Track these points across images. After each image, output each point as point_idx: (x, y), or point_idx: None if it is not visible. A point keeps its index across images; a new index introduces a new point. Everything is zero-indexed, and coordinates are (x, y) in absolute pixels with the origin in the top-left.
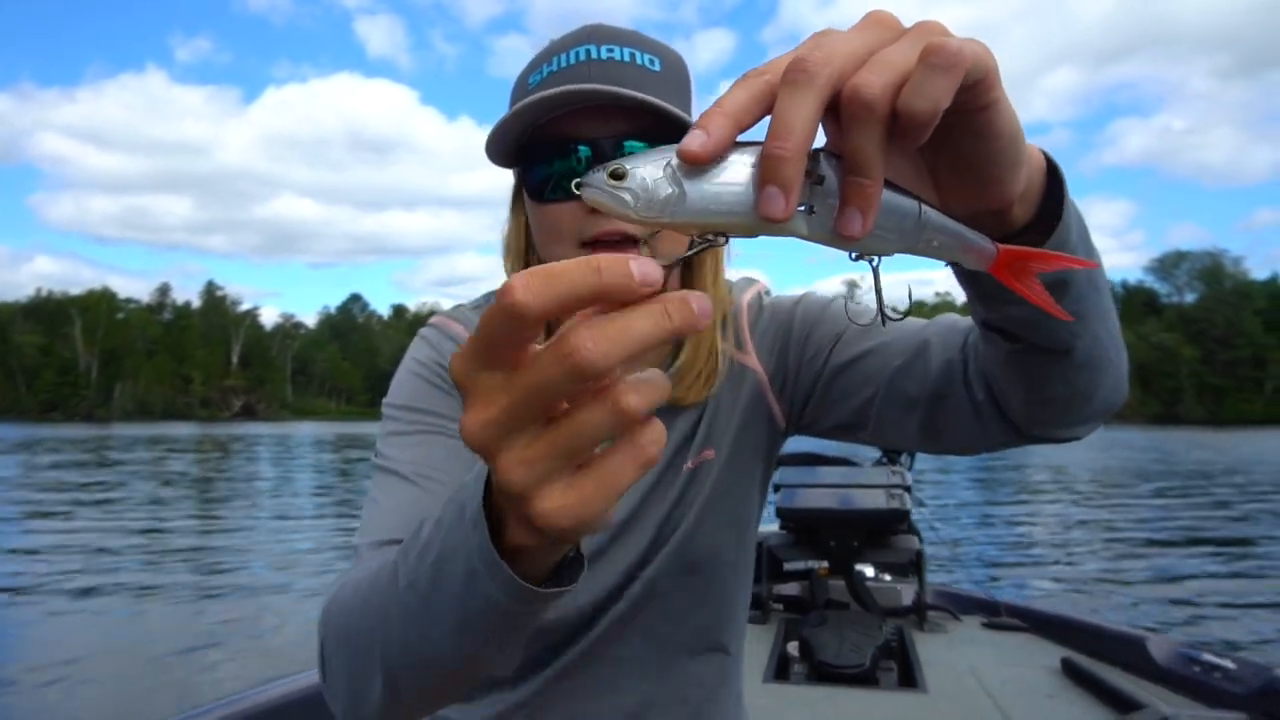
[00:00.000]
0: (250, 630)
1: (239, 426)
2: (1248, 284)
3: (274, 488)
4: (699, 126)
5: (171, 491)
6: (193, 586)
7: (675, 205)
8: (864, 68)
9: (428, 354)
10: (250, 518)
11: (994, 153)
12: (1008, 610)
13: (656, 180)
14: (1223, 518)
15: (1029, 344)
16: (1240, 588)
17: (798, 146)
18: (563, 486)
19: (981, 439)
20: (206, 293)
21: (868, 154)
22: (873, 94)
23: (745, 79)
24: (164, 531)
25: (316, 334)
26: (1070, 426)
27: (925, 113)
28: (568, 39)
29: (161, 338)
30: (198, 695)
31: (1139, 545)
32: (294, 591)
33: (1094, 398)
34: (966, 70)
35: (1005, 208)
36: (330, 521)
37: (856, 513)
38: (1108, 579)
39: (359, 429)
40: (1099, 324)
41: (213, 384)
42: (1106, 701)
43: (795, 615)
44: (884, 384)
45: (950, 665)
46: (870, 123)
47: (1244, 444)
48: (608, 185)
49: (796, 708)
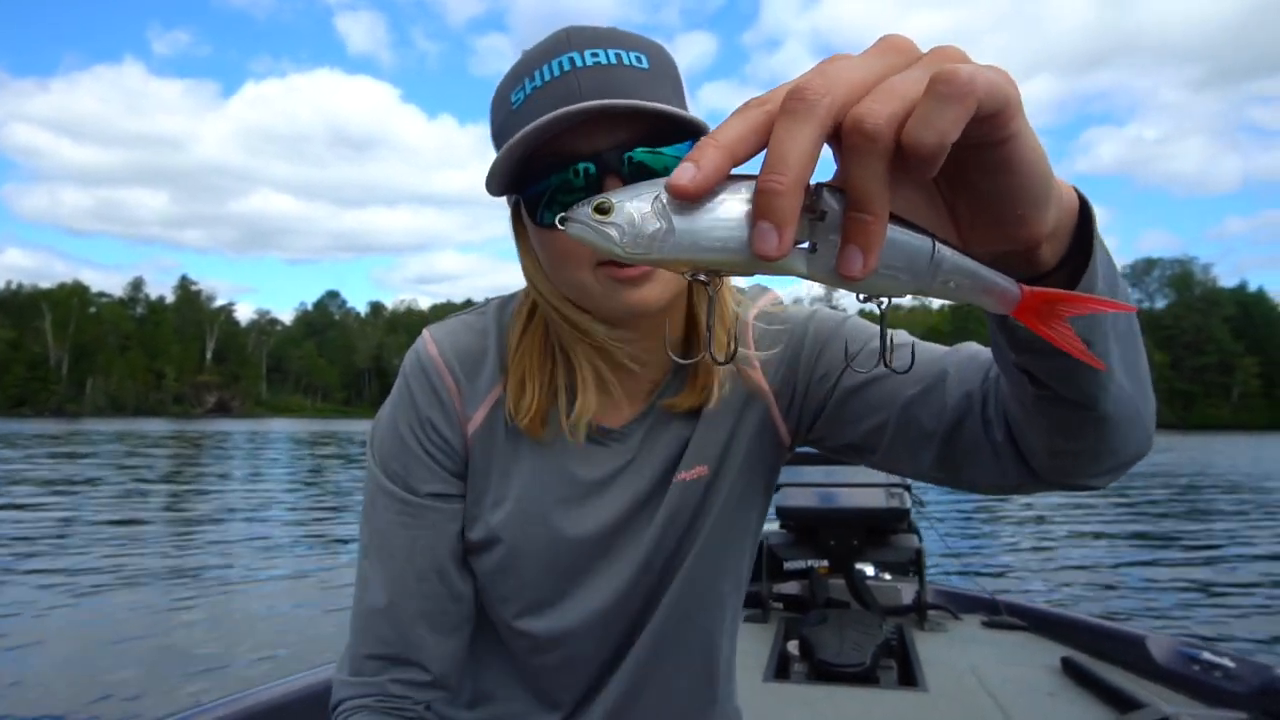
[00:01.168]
0: (221, 631)
1: (212, 423)
2: (1216, 291)
3: (247, 484)
4: (690, 160)
5: (142, 487)
6: (163, 585)
7: (664, 242)
8: (869, 96)
9: (408, 405)
10: (221, 515)
11: (1015, 189)
12: (1008, 609)
13: (644, 215)
14: (1220, 518)
15: (1054, 394)
16: (1239, 588)
17: (794, 180)
18: None
19: (998, 479)
20: (181, 287)
21: (869, 188)
22: (875, 124)
23: (744, 109)
24: (135, 523)
25: (293, 330)
26: (1092, 477)
27: (930, 145)
28: (545, 47)
29: (134, 333)
30: (166, 699)
31: (1138, 544)
32: (266, 594)
33: (1120, 450)
34: (978, 100)
35: (1032, 247)
36: (303, 515)
37: (856, 511)
38: (1107, 578)
39: (335, 426)
40: (1128, 375)
41: (186, 380)
42: (1106, 700)
43: (795, 614)
44: (896, 413)
45: (950, 664)
46: (872, 154)
47: (1227, 448)
48: (593, 220)
49: (797, 707)
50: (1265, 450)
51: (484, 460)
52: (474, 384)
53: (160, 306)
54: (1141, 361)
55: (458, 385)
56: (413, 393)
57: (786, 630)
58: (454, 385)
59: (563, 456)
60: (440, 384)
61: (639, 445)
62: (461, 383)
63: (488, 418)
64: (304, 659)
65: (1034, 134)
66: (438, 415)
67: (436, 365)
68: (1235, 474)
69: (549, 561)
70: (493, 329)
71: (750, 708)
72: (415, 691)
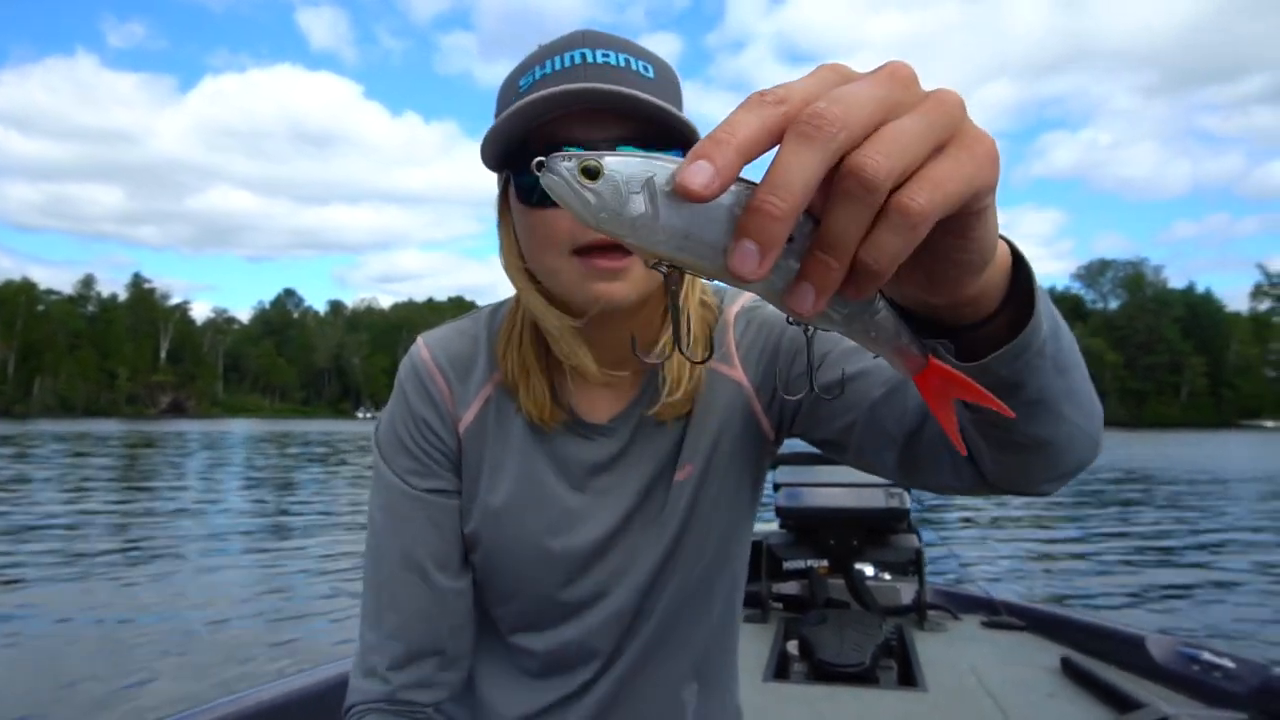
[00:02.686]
0: (176, 642)
1: (167, 424)
2: (1167, 292)
3: (203, 486)
4: (704, 156)
5: (92, 488)
6: (113, 591)
7: (643, 227)
8: (874, 142)
9: (403, 407)
10: (176, 518)
11: (961, 256)
12: (1007, 609)
13: (631, 194)
14: (1220, 517)
15: (986, 419)
16: (1239, 587)
17: (792, 208)
18: None
19: (955, 483)
20: (133, 285)
21: (846, 234)
22: (875, 176)
23: (758, 106)
24: (86, 524)
25: (250, 329)
26: (1038, 485)
27: (924, 218)
28: (560, 43)
29: (85, 331)
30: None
31: (1137, 544)
32: (217, 602)
33: (1061, 465)
34: (975, 193)
35: (954, 305)
36: (261, 522)
37: (856, 511)
38: (1107, 578)
39: (294, 426)
40: (1065, 405)
41: (139, 380)
42: (1106, 700)
43: (795, 614)
44: (864, 414)
45: (950, 664)
46: (863, 204)
47: (1199, 447)
48: (575, 179)
49: (796, 706)
50: (1231, 448)
51: (475, 457)
52: (465, 385)
53: (112, 305)
54: (1082, 390)
55: (449, 387)
56: (407, 395)
57: (786, 630)
58: (446, 387)
59: (551, 449)
60: (433, 386)
61: (628, 442)
62: (453, 384)
63: (478, 416)
64: (261, 669)
65: (994, 208)
66: (431, 415)
67: (429, 368)
68: (1230, 473)
69: (540, 558)
70: (483, 334)
71: (750, 708)
72: (424, 692)
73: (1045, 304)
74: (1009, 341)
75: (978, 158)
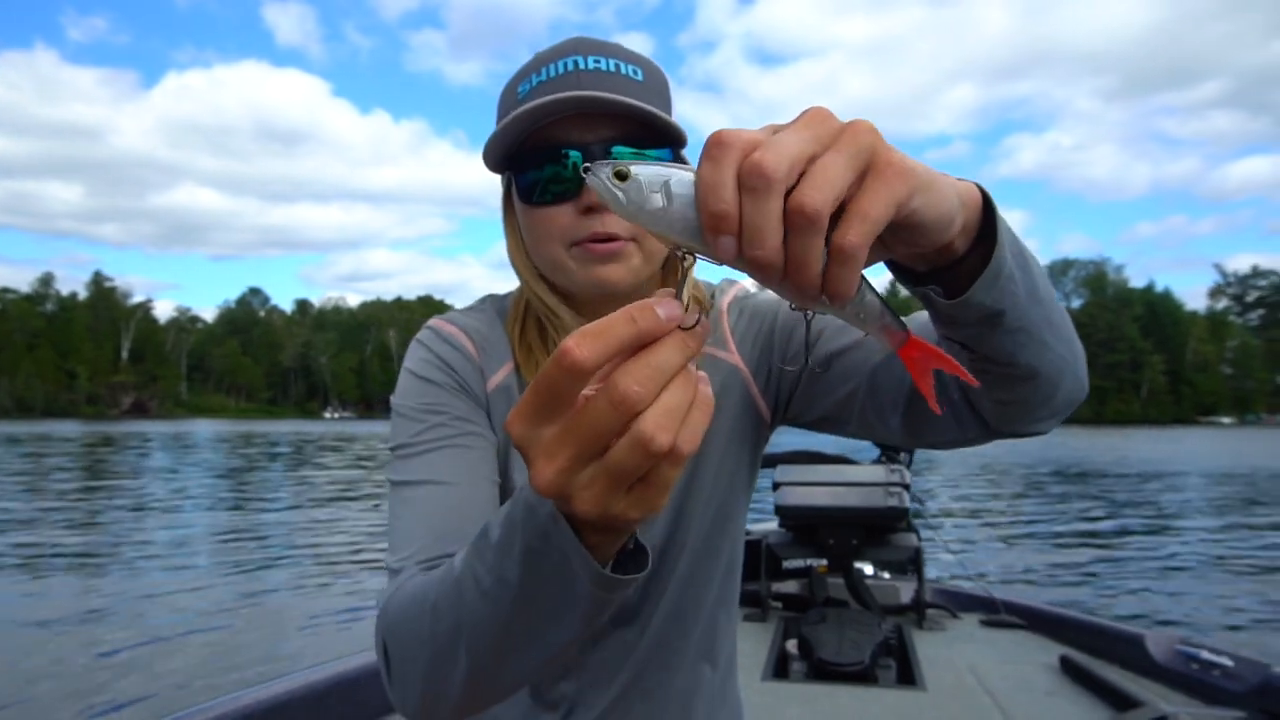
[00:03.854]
0: (141, 652)
1: (129, 424)
2: (1128, 291)
3: (166, 488)
4: (728, 235)
5: (51, 488)
6: (77, 596)
7: (660, 218)
8: (807, 178)
9: (426, 355)
10: (137, 522)
11: (924, 231)
12: (1006, 608)
13: (652, 192)
14: (1220, 515)
15: (981, 355)
16: (1236, 585)
17: (773, 250)
18: (626, 496)
19: (959, 435)
20: (94, 283)
21: (808, 256)
22: (814, 208)
23: (720, 160)
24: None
25: (215, 329)
26: (1035, 423)
27: (844, 287)
28: (554, 51)
29: (43, 330)
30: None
31: (1136, 544)
32: (180, 609)
33: (1054, 398)
34: (892, 219)
35: (942, 250)
36: (223, 522)
37: (855, 511)
38: (1106, 577)
39: (260, 427)
40: (1046, 334)
41: (100, 380)
42: (1105, 699)
43: (794, 613)
44: (864, 380)
45: (949, 663)
46: (810, 232)
47: (1168, 442)
48: (609, 180)
49: (796, 705)
50: (1195, 444)
51: (503, 421)
52: (489, 354)
53: (72, 303)
54: (1058, 320)
55: (476, 349)
56: (432, 349)
57: (786, 629)
58: (473, 348)
59: None
60: (460, 344)
61: None
62: (481, 347)
63: (504, 382)
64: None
65: (930, 190)
66: (460, 362)
67: (454, 332)
68: (1222, 469)
69: None
70: (496, 320)
71: (750, 706)
72: None
73: (1009, 233)
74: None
75: (890, 181)
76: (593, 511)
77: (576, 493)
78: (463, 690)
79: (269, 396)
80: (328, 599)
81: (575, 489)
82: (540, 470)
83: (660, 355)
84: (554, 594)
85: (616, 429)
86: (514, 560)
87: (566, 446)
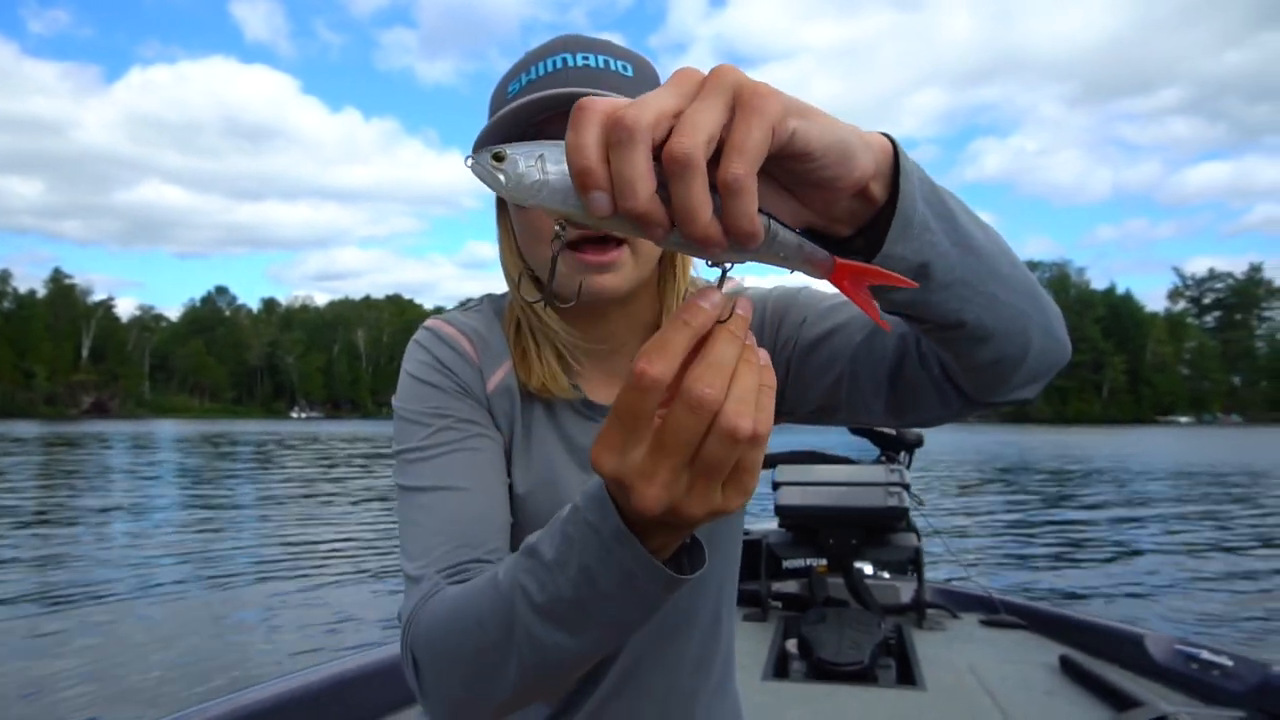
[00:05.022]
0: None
1: (89, 425)
2: (1090, 293)
3: (127, 490)
4: (593, 187)
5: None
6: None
7: (538, 190)
8: (677, 129)
9: (425, 357)
10: (98, 525)
11: (820, 158)
12: (1006, 608)
13: (528, 168)
14: (1222, 513)
15: (925, 322)
16: (1237, 584)
17: (645, 198)
18: (724, 490)
19: (943, 410)
20: (53, 280)
21: (692, 203)
22: (687, 153)
23: (582, 122)
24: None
25: (179, 327)
26: (1014, 390)
27: (745, 224)
28: (544, 49)
29: (0, 328)
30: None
31: (1136, 543)
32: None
33: (1026, 356)
34: (771, 148)
35: (861, 190)
36: (185, 526)
37: (855, 511)
38: (1105, 576)
39: (223, 427)
40: (991, 286)
41: (60, 379)
42: (1104, 699)
43: (794, 613)
44: (848, 363)
45: (949, 663)
46: (688, 176)
47: (1133, 441)
48: (489, 164)
49: (796, 705)
50: (1161, 443)
51: (504, 421)
52: (487, 355)
53: (30, 301)
54: (1009, 272)
55: (475, 351)
56: (431, 351)
57: (785, 629)
58: (472, 350)
59: (561, 432)
60: (459, 346)
61: None
62: (480, 348)
63: (503, 382)
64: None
65: (810, 116)
66: (459, 365)
67: (452, 334)
68: (1227, 467)
69: None
70: (493, 317)
71: (749, 706)
72: (478, 566)
73: (921, 180)
74: None
75: (758, 108)
76: (700, 512)
77: (681, 501)
78: (511, 694)
79: (234, 396)
80: (299, 603)
81: (679, 498)
82: (643, 493)
83: (717, 351)
84: (615, 604)
85: (701, 431)
86: (569, 579)
87: (661, 463)
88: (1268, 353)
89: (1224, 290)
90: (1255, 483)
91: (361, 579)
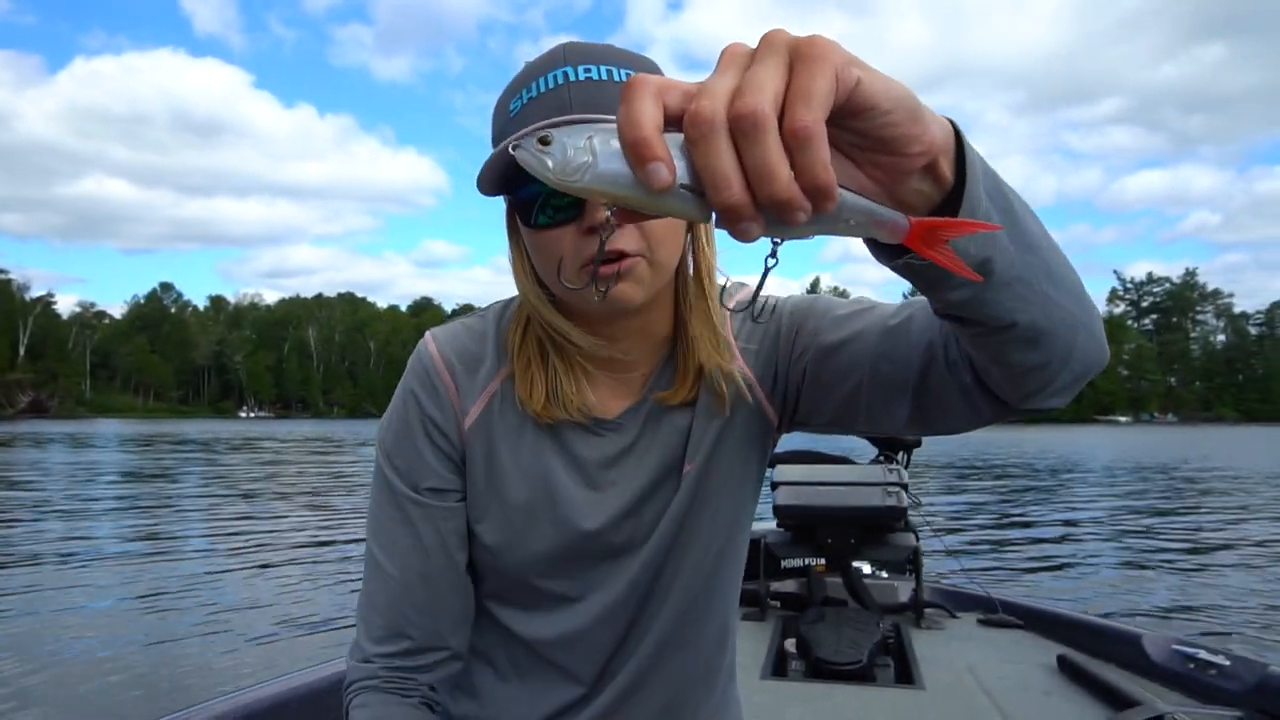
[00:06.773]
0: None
1: (24, 424)
2: None
3: (62, 491)
4: (651, 157)
5: None
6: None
7: (587, 173)
8: (738, 92)
9: (409, 390)
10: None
11: (885, 115)
12: (1004, 607)
13: (577, 149)
14: (1214, 513)
15: (980, 324)
16: (1235, 584)
17: (741, 190)
18: None
19: (972, 418)
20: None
21: (768, 162)
22: (754, 110)
23: (633, 96)
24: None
25: (122, 325)
26: (1055, 394)
27: (820, 178)
28: (543, 61)
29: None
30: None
31: (1135, 542)
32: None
33: (1070, 359)
34: (839, 93)
35: (930, 161)
36: (130, 530)
37: (854, 510)
38: (1104, 576)
39: (167, 428)
40: (1047, 285)
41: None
42: (1102, 698)
43: (792, 612)
44: (868, 371)
45: (947, 662)
46: (757, 136)
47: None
48: (535, 149)
49: (794, 704)
50: (1107, 441)
51: (483, 451)
52: (472, 380)
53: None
54: (1062, 271)
55: (455, 383)
56: (414, 391)
57: (784, 628)
58: (451, 383)
59: (561, 445)
60: (439, 382)
61: (637, 435)
62: (460, 380)
63: (484, 411)
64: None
65: (870, 70)
66: (435, 411)
67: (435, 364)
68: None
69: (552, 551)
70: (491, 330)
71: (748, 706)
72: (420, 674)
73: (983, 167)
74: None
75: (818, 57)
76: None
77: None
78: None
79: (180, 395)
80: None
81: None
82: None
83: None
84: None
85: None
86: None
87: None
88: (1201, 355)
89: (1161, 294)
90: (1219, 479)
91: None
